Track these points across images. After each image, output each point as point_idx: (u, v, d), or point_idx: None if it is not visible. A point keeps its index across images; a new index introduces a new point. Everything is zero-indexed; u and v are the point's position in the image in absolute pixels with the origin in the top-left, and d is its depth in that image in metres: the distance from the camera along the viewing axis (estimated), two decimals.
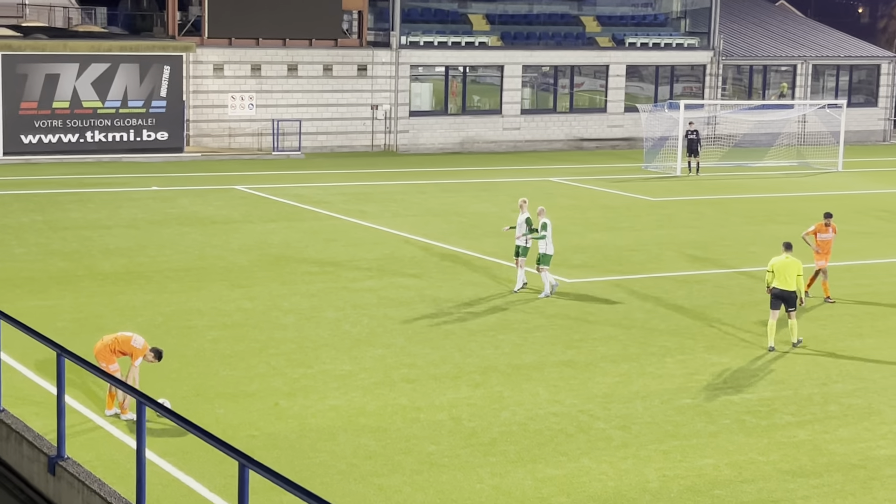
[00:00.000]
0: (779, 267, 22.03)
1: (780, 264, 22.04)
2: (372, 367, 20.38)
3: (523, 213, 26.29)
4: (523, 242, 26.17)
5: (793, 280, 21.93)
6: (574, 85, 57.09)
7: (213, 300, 24.74)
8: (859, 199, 42.37)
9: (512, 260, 26.96)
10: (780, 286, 21.98)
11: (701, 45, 59.40)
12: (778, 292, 22.00)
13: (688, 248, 31.96)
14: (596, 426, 17.78)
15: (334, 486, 15.25)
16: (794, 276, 21.94)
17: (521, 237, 26.15)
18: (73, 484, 14.49)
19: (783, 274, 21.95)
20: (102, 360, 17.14)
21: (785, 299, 22.01)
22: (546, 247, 25.84)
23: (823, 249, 26.23)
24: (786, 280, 21.93)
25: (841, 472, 16.29)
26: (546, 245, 25.83)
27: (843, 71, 63.00)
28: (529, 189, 42.29)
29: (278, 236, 31.92)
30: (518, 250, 26.29)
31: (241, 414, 17.87)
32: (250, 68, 50.16)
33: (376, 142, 52.78)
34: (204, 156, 47.97)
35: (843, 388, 20.04)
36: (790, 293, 21.95)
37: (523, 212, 26.35)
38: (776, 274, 22.02)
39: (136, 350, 17.28)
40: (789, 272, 21.94)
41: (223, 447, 12.05)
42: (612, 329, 23.37)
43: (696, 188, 44.16)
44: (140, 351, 17.30)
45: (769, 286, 22.18)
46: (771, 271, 22.15)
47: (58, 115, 45.60)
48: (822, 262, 26.24)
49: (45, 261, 28.12)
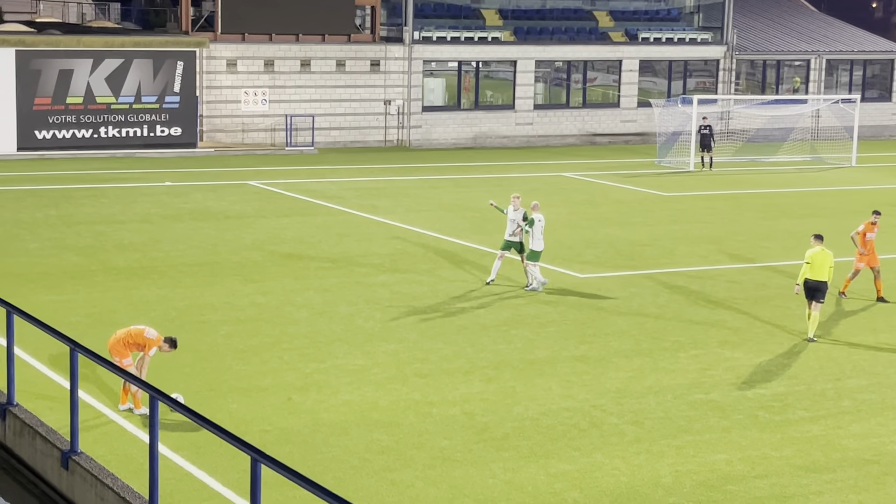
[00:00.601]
0: (816, 258, 22.35)
1: (816, 256, 22.37)
2: (385, 362, 20.39)
3: (518, 211, 26.11)
4: (516, 238, 26.11)
5: (825, 271, 22.30)
6: (587, 80, 57.01)
7: (227, 295, 24.77)
8: (873, 193, 42.24)
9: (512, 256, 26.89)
10: (814, 277, 22.35)
11: (714, 39, 59.26)
12: (813, 284, 22.36)
13: (701, 243, 31.91)
14: (609, 421, 17.77)
15: (347, 480, 15.27)
16: (826, 268, 22.33)
17: (517, 232, 26.06)
18: (87, 478, 14.53)
19: (818, 265, 22.29)
20: (116, 354, 17.17)
21: (818, 290, 22.31)
22: (535, 242, 25.77)
23: (869, 249, 26.00)
24: (820, 271, 22.27)
25: (854, 467, 16.25)
26: (535, 241, 25.77)
27: (857, 66, 62.81)
28: (542, 184, 42.27)
29: (291, 231, 31.95)
30: (510, 245, 26.19)
31: (254, 409, 17.89)
32: (263, 64, 50.19)
33: (389, 137, 52.79)
34: (217, 151, 48.03)
35: (857, 384, 19.99)
36: (824, 283, 22.31)
37: (516, 208, 26.17)
38: (812, 265, 22.33)
39: (150, 341, 17.31)
40: (824, 263, 22.30)
41: (236, 442, 12.07)
42: (625, 324, 23.35)
43: (710, 183, 44.08)
44: (154, 342, 17.33)
45: (801, 282, 22.32)
46: (809, 263, 22.41)
47: (71, 110, 45.69)
48: (864, 263, 25.92)
49: (58, 256, 28.19)
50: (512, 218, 26.14)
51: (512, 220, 26.12)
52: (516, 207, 26.11)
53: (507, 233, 26.25)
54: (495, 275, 26.31)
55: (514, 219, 26.07)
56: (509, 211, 26.27)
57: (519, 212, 26.04)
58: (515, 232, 26.09)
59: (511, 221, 26.14)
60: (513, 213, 26.14)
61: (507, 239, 26.25)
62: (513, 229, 26.08)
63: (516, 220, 26.02)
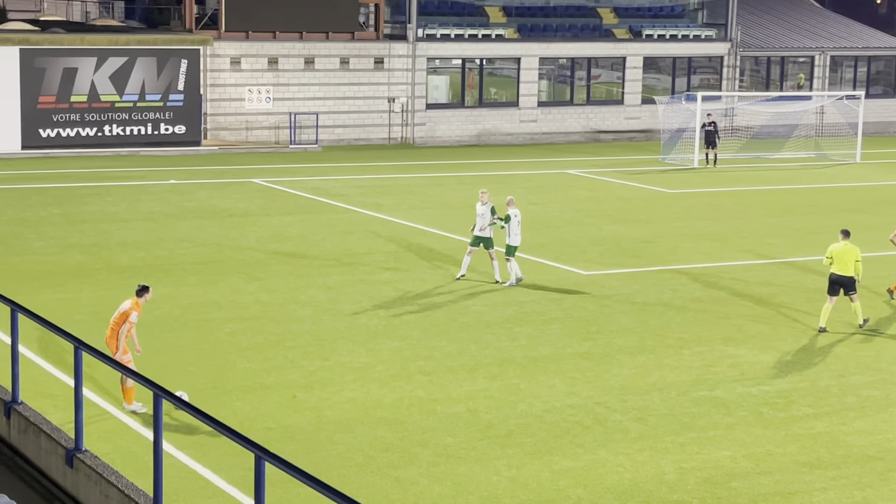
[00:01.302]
0: (837, 253, 22.83)
1: (837, 251, 22.84)
2: (389, 360, 20.40)
3: (486, 205, 25.96)
4: (487, 233, 26.01)
5: (850, 266, 22.69)
6: (591, 77, 56.99)
7: (231, 293, 24.79)
8: (877, 190, 42.21)
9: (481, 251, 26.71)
10: (838, 272, 22.77)
11: (718, 36, 59.22)
12: (836, 278, 22.82)
13: (705, 239, 31.90)
14: (613, 418, 17.77)
15: (351, 478, 15.28)
16: (851, 262, 22.74)
17: (486, 227, 25.97)
18: (91, 476, 14.55)
19: (841, 260, 22.71)
20: (114, 347, 17.19)
21: (843, 284, 22.76)
22: (513, 238, 25.78)
23: None
24: (844, 266, 22.67)
25: (858, 463, 16.25)
26: (513, 236, 25.76)
27: (862, 62, 62.75)
28: (546, 181, 42.27)
29: (295, 229, 31.96)
30: (479, 241, 26.08)
31: (259, 406, 17.91)
32: (267, 61, 50.21)
33: (393, 135, 52.79)
34: (221, 149, 48.06)
35: (861, 380, 19.98)
36: (848, 278, 22.69)
37: (484, 203, 26.03)
38: (834, 260, 22.83)
39: (129, 310, 17.32)
40: (847, 258, 22.68)
41: (240, 440, 12.08)
42: (629, 321, 23.35)
43: (714, 180, 44.05)
44: (132, 307, 17.36)
45: None
46: (829, 258, 22.90)
47: (76, 108, 45.72)
48: None
49: (63, 254, 28.22)
50: (481, 213, 26.05)
51: (481, 216, 26.04)
52: (484, 202, 26.02)
53: (477, 228, 26.13)
54: (465, 270, 26.39)
55: (483, 213, 26.00)
56: (478, 206, 26.20)
57: (487, 206, 25.98)
58: (484, 227, 26.02)
59: (480, 216, 26.07)
60: (481, 207, 26.05)
61: (477, 235, 26.12)
62: (482, 224, 26.03)
63: (485, 214, 25.96)
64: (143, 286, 17.78)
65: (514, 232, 25.81)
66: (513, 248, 25.90)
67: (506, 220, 25.69)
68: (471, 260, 26.49)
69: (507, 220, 25.69)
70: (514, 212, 25.83)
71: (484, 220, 25.99)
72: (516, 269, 26.07)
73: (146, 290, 17.73)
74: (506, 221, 25.69)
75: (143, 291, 17.69)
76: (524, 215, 34.77)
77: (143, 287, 17.76)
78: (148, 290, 17.77)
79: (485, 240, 26.09)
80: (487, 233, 26.07)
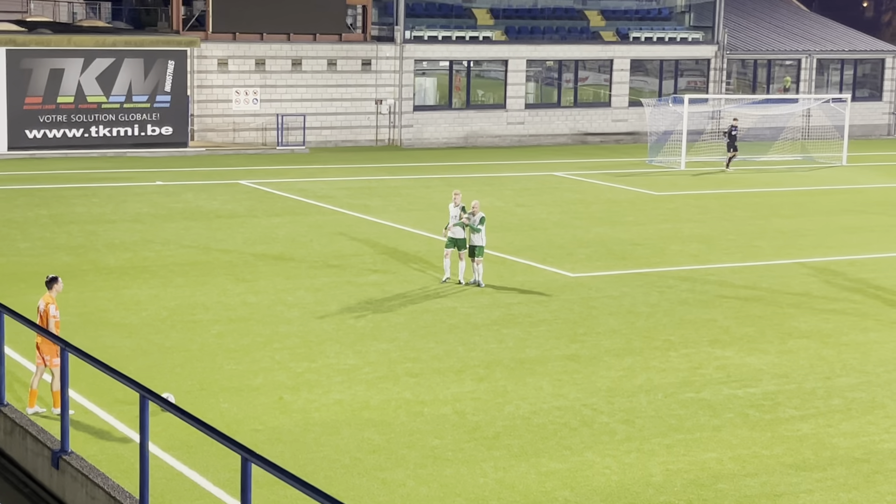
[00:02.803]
0: None
1: None
2: (376, 362, 20.39)
3: (458, 206, 25.88)
4: (460, 235, 25.87)
5: None
6: (578, 79, 57.06)
7: (218, 294, 24.76)
8: (863, 193, 42.33)
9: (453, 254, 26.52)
10: None
11: (705, 39, 59.33)
12: None
13: (692, 242, 31.95)
14: (600, 420, 17.79)
15: (338, 480, 15.27)
16: None
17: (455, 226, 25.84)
18: (77, 478, 14.51)
19: None
20: (48, 352, 17.03)
21: None
22: (483, 239, 25.70)
23: None
24: None
25: (844, 465, 16.29)
26: (481, 237, 25.66)
27: (848, 65, 62.93)
28: (533, 183, 42.30)
29: (283, 231, 31.94)
30: (454, 242, 25.91)
31: (246, 408, 17.89)
32: (254, 63, 50.17)
33: (380, 136, 52.79)
34: (208, 150, 48.01)
35: (847, 382, 20.03)
36: None
37: (457, 204, 25.95)
38: None
39: (47, 305, 17.15)
40: None
41: (226, 441, 12.06)
42: (616, 323, 23.37)
43: (701, 182, 44.14)
44: (48, 301, 17.23)
45: None
46: None
47: (62, 109, 45.64)
48: None
49: (49, 255, 28.16)
50: (454, 215, 25.89)
51: (454, 217, 25.89)
52: (457, 204, 25.94)
53: (451, 231, 25.97)
54: (449, 272, 26.32)
55: (456, 215, 25.86)
56: (451, 208, 26.11)
57: (458, 208, 25.90)
58: (452, 227, 25.84)
59: (453, 218, 25.93)
60: (454, 209, 25.95)
61: (451, 237, 25.97)
62: (453, 224, 25.85)
63: (458, 216, 25.80)
64: (51, 277, 17.60)
65: (482, 233, 25.72)
66: (482, 249, 25.86)
67: (482, 222, 25.60)
68: (450, 261, 26.48)
69: (483, 222, 25.64)
70: (481, 214, 25.81)
71: (457, 225, 25.84)
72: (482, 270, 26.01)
73: (55, 281, 17.53)
74: (482, 223, 25.60)
75: (53, 282, 17.50)
76: (511, 217, 34.84)
77: (51, 278, 17.56)
78: (57, 281, 17.57)
79: (458, 241, 25.97)
80: (460, 234, 25.97)
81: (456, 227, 25.93)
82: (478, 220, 25.68)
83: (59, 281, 17.67)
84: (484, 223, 25.77)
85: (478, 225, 25.64)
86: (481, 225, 25.66)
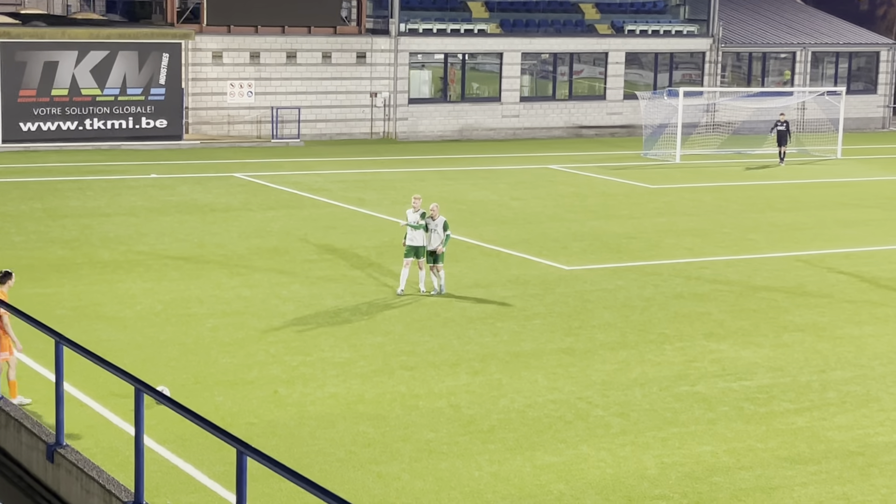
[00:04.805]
0: None
1: None
2: (371, 355, 20.39)
3: (417, 211, 24.37)
4: (418, 242, 24.28)
5: None
6: (573, 72, 57.03)
7: (213, 288, 24.74)
8: (858, 186, 42.36)
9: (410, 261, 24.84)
10: None
11: (700, 32, 59.32)
12: None
13: (687, 235, 31.97)
14: (594, 413, 17.80)
15: (333, 473, 15.28)
16: None
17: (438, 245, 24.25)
18: (72, 471, 14.50)
19: None
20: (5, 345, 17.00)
21: None
22: (442, 245, 24.38)
23: None
24: None
25: (839, 458, 16.31)
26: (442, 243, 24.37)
27: (843, 58, 62.93)
28: (528, 176, 42.28)
29: (277, 224, 31.92)
30: (413, 250, 24.37)
31: (240, 401, 17.89)
32: (249, 56, 50.09)
33: (375, 129, 52.74)
34: (203, 143, 47.94)
35: (842, 376, 20.06)
36: None
37: (416, 210, 24.45)
38: None
39: None
40: None
41: (221, 434, 12.05)
42: (611, 316, 23.38)
43: (695, 176, 44.14)
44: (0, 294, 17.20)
45: None
46: None
47: (56, 102, 45.55)
48: None
49: (44, 248, 28.12)
50: (412, 220, 24.36)
51: (413, 222, 24.31)
52: (416, 209, 24.42)
53: (409, 239, 24.46)
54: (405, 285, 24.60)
55: (415, 220, 24.31)
56: (409, 213, 24.55)
57: (418, 213, 24.36)
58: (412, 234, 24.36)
59: (410, 224, 24.38)
60: (412, 215, 24.43)
61: (410, 245, 24.44)
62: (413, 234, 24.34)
63: (414, 222, 24.27)
64: (4, 272, 17.54)
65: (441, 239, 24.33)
66: (442, 255, 24.55)
67: (445, 227, 24.29)
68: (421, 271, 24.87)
69: (447, 228, 24.38)
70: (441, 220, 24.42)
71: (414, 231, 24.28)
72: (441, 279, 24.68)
73: (8, 276, 17.41)
74: (445, 228, 24.31)
75: (6, 278, 17.40)
76: (506, 211, 34.83)
77: (4, 273, 17.50)
78: (10, 276, 17.45)
79: (418, 249, 24.38)
80: (420, 241, 24.38)
81: (415, 234, 24.30)
82: (440, 225, 24.21)
83: (11, 277, 17.53)
84: (448, 228, 24.38)
85: (443, 232, 24.21)
86: (447, 231, 24.28)
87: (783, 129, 48.11)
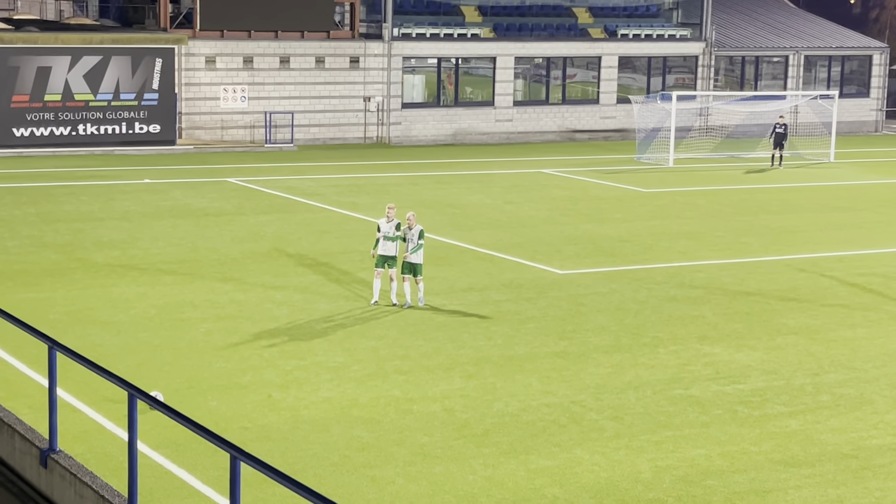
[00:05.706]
0: None
1: None
2: (365, 359, 20.38)
3: (392, 222, 23.65)
4: (391, 252, 23.64)
5: None
6: (566, 76, 57.08)
7: (206, 292, 24.73)
8: (851, 189, 42.42)
9: None
10: None
11: (693, 36, 59.40)
12: None
13: (680, 238, 31.99)
14: (588, 417, 17.80)
15: (327, 477, 15.26)
16: None
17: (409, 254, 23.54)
18: (66, 477, 14.48)
19: None
20: None
21: None
22: (419, 257, 23.66)
23: None
24: None
25: (833, 461, 16.32)
26: (419, 255, 23.65)
27: (835, 61, 63.04)
28: (522, 180, 42.30)
29: (271, 228, 31.91)
30: (385, 261, 23.69)
31: (234, 406, 17.87)
32: (242, 60, 50.09)
33: (369, 134, 52.75)
34: (196, 148, 47.93)
35: (835, 378, 20.07)
36: None
37: (390, 219, 23.72)
38: None
39: None
40: None
41: (215, 439, 12.04)
42: (605, 320, 23.39)
43: (688, 179, 44.19)
44: None
45: None
46: None
47: (49, 107, 45.53)
48: None
49: (37, 253, 28.09)
50: (385, 230, 23.58)
51: (386, 232, 23.56)
52: (390, 219, 23.67)
53: (381, 248, 23.71)
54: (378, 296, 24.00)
55: (388, 231, 23.55)
56: (382, 223, 23.76)
57: (392, 223, 23.62)
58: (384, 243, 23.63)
59: (383, 234, 23.57)
60: (386, 225, 23.65)
61: (382, 254, 23.73)
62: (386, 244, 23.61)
63: (389, 232, 23.53)
64: None
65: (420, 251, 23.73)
66: (420, 267, 23.86)
67: (420, 236, 23.63)
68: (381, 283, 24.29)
69: (422, 236, 23.70)
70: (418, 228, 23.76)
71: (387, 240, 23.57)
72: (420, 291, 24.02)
73: None
74: (420, 237, 23.63)
75: None
76: (500, 215, 34.85)
77: None
78: None
79: (389, 259, 23.70)
80: (392, 251, 23.72)
81: (387, 244, 23.56)
82: (416, 234, 23.59)
83: None
84: (423, 237, 23.74)
85: (418, 240, 23.55)
86: (421, 240, 23.63)
87: (781, 132, 48.19)
